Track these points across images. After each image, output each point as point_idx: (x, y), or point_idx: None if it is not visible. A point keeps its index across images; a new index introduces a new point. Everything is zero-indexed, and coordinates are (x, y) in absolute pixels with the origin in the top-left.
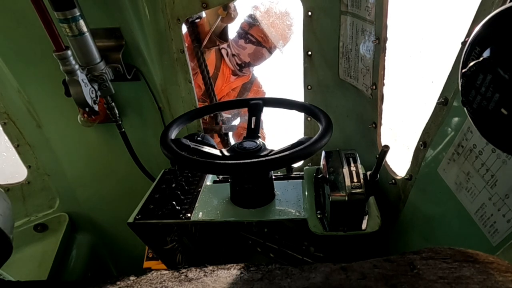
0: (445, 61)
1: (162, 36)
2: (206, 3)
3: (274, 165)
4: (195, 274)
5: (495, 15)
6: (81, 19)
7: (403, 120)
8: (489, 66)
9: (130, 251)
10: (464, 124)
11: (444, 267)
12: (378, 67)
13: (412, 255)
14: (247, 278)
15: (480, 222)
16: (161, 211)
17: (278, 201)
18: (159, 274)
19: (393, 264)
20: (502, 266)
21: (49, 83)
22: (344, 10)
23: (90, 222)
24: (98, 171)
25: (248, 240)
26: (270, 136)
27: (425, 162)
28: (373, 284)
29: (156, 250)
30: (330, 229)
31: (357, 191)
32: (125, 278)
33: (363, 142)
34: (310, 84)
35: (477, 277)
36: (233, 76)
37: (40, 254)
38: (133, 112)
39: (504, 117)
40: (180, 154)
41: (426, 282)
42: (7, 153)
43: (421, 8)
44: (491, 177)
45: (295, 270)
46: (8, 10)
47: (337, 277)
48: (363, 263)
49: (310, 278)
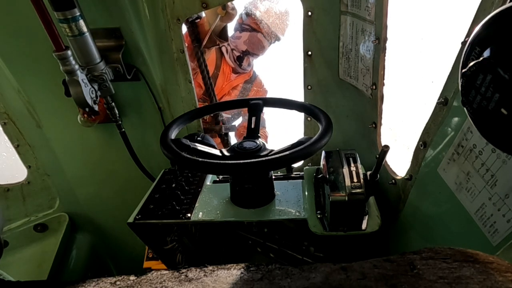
0: (445, 61)
1: (162, 36)
2: (206, 3)
3: (274, 165)
4: (195, 274)
5: (495, 15)
6: (81, 19)
7: (403, 120)
8: (489, 66)
9: (130, 251)
10: (464, 124)
11: (444, 267)
12: (378, 67)
13: (412, 255)
14: (247, 278)
15: (480, 222)
16: (161, 211)
17: (278, 201)
18: (159, 274)
19: (393, 264)
20: (502, 266)
21: (49, 83)
22: (344, 10)
23: (90, 222)
24: (98, 171)
25: (248, 240)
26: (270, 136)
27: (425, 162)
28: (373, 284)
29: (156, 250)
30: (330, 229)
31: (357, 191)
32: (125, 278)
33: (363, 142)
34: (310, 84)
35: (477, 277)
36: (234, 74)
37: (40, 254)
38: (133, 112)
39: (504, 117)
40: (180, 154)
41: (426, 282)
42: (7, 153)
43: (421, 8)
44: (491, 177)
45: (295, 270)
46: (8, 10)
47: (337, 277)
48: (363, 263)
49: (310, 278)
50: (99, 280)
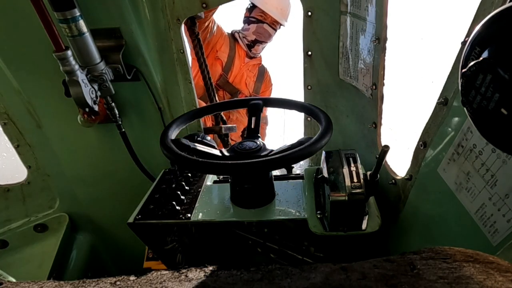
0: (445, 61)
1: (162, 36)
2: (206, 3)
3: (274, 165)
4: (195, 274)
5: (495, 15)
6: (81, 19)
7: (403, 120)
8: (489, 66)
9: (130, 251)
10: (464, 124)
11: (444, 267)
12: (378, 67)
13: (412, 255)
14: (247, 278)
15: (480, 222)
16: (161, 211)
17: (278, 201)
18: (159, 274)
19: (393, 264)
20: (502, 266)
21: (49, 83)
22: (344, 10)
23: (90, 222)
24: (98, 171)
25: (248, 240)
26: (270, 135)
27: (425, 162)
28: (373, 284)
29: (156, 250)
30: (330, 229)
31: (357, 191)
32: (125, 278)
33: (363, 142)
34: (310, 84)
35: (477, 277)
36: (247, 58)
37: (40, 254)
38: (133, 112)
39: (504, 117)
40: (180, 154)
41: (426, 282)
42: (7, 153)
43: (421, 8)
44: (491, 177)
45: (295, 270)
46: (8, 10)
47: (337, 277)
48: (363, 263)
49: (310, 278)
50: (99, 280)
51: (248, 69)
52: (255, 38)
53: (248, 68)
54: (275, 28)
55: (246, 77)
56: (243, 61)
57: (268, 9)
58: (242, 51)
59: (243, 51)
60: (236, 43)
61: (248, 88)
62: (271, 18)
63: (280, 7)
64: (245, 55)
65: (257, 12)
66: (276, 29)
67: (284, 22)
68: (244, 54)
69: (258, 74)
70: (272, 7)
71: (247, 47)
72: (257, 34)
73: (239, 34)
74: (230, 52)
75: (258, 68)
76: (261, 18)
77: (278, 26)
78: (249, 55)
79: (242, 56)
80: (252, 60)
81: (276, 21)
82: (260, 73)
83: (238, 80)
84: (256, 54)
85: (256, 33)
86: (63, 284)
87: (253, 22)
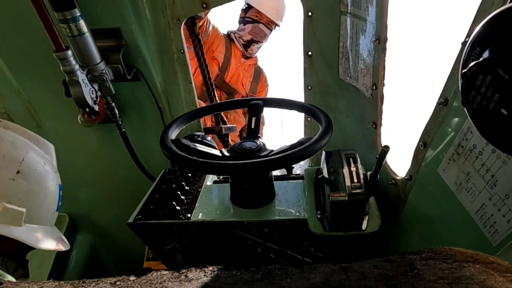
0: (445, 61)
1: (162, 36)
2: (206, 3)
3: (274, 165)
4: (195, 274)
5: (495, 15)
6: (81, 19)
7: (403, 120)
8: (489, 66)
9: (130, 251)
10: (464, 124)
11: (444, 268)
12: (378, 67)
13: (412, 255)
14: (247, 279)
15: (480, 222)
16: (161, 211)
17: (278, 201)
18: (159, 274)
19: (393, 265)
20: (502, 266)
21: (49, 83)
22: (344, 10)
23: (90, 222)
24: (98, 171)
25: (248, 241)
26: (268, 135)
27: (425, 162)
28: (373, 284)
29: (156, 250)
30: (330, 229)
31: (357, 191)
32: (125, 278)
33: (363, 142)
34: (310, 84)
35: (477, 277)
36: (243, 58)
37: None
38: (133, 112)
39: (504, 117)
40: (180, 155)
41: (426, 283)
42: None
43: (421, 8)
44: (491, 177)
45: (295, 270)
46: (9, 10)
47: (337, 277)
48: (363, 263)
49: (310, 278)
50: (99, 280)
51: (245, 69)
52: (251, 38)
53: (245, 68)
54: (270, 28)
55: (243, 77)
56: (239, 61)
57: (263, 9)
58: (238, 51)
59: (239, 51)
60: (232, 43)
61: (244, 88)
62: (266, 18)
63: (275, 7)
64: (241, 55)
65: (253, 12)
66: (271, 29)
67: (279, 22)
68: (240, 54)
69: (254, 74)
70: (267, 7)
71: (243, 47)
72: (253, 34)
73: (235, 35)
74: (226, 52)
75: (254, 69)
76: (256, 18)
77: (274, 26)
78: (245, 55)
79: (238, 56)
80: (248, 60)
81: (272, 21)
82: (256, 73)
83: (234, 80)
84: (252, 54)
85: (252, 33)
86: (63, 284)
87: (249, 22)
